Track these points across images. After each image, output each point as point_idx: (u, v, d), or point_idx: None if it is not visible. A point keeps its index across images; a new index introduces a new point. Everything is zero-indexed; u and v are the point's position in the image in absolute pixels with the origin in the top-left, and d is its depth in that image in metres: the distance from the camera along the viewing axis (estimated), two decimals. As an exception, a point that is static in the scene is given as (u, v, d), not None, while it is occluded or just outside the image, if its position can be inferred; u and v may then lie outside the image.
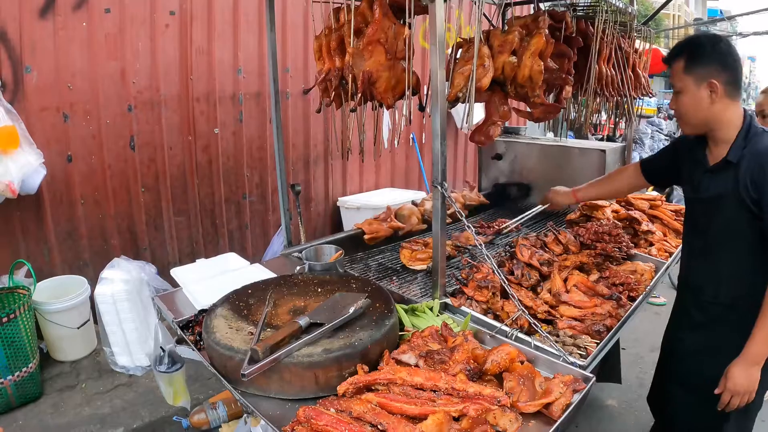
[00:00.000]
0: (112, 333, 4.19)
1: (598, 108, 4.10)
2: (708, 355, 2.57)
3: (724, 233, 2.49)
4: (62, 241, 4.61)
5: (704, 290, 2.63)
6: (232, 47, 5.37)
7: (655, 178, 3.11)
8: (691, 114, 2.45)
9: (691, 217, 2.74)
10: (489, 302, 2.59)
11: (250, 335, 2.03)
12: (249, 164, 5.74)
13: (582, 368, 2.05)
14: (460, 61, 2.78)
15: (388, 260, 3.36)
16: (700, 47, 2.39)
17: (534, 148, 4.74)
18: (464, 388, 1.78)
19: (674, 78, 2.47)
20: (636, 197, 4.01)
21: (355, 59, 2.58)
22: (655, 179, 3.13)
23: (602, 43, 3.65)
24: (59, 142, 4.45)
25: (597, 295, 2.78)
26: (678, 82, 2.44)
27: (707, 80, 2.34)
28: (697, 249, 2.69)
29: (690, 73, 2.39)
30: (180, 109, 5.12)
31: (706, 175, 2.52)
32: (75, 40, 4.37)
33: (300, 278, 2.58)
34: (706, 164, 2.54)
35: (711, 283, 2.60)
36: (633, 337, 5.25)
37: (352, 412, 1.69)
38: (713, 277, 2.59)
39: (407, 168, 7.59)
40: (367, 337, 1.98)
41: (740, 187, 2.35)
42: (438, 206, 2.41)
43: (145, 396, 3.92)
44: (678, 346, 2.84)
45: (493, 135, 3.22)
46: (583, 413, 4.26)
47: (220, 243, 5.68)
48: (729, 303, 2.54)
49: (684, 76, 2.40)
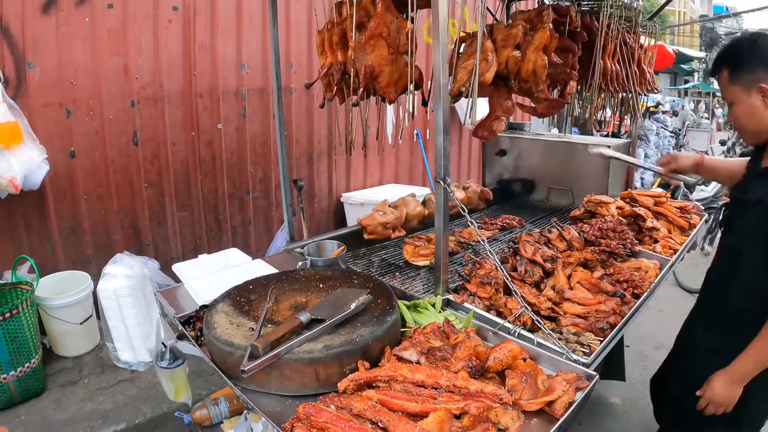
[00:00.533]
0: (114, 328, 4.19)
1: (603, 104, 4.08)
2: (716, 359, 2.52)
3: (752, 240, 2.38)
4: (65, 236, 4.61)
5: (726, 294, 2.59)
6: (236, 43, 5.36)
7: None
8: (749, 124, 2.36)
9: (730, 217, 2.67)
10: (492, 299, 2.57)
11: (250, 331, 2.02)
12: (252, 160, 5.73)
13: (585, 366, 2.03)
14: (463, 55, 2.76)
15: (390, 256, 3.35)
16: (740, 52, 2.31)
17: (538, 144, 4.73)
18: (466, 386, 1.76)
19: (723, 90, 2.40)
20: (641, 194, 3.99)
21: (357, 53, 2.57)
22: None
23: (607, 38, 3.63)
24: (62, 138, 4.44)
25: (601, 292, 2.75)
26: (727, 95, 2.37)
27: (756, 85, 2.25)
28: (725, 250, 2.65)
29: (736, 83, 2.31)
30: (183, 104, 5.12)
31: (757, 178, 2.45)
32: (78, 35, 4.36)
33: (302, 274, 2.57)
34: (758, 166, 2.47)
35: (732, 288, 2.55)
36: (637, 335, 5.24)
37: (353, 409, 1.68)
38: (735, 282, 2.52)
39: (411, 164, 7.57)
40: (369, 333, 1.97)
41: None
42: (440, 202, 2.39)
43: (148, 392, 3.92)
44: (689, 344, 2.82)
45: (497, 130, 3.20)
46: (587, 411, 4.25)
47: (224, 239, 5.68)
48: (745, 311, 2.45)
49: (731, 87, 2.33)
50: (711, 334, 2.67)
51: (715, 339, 2.62)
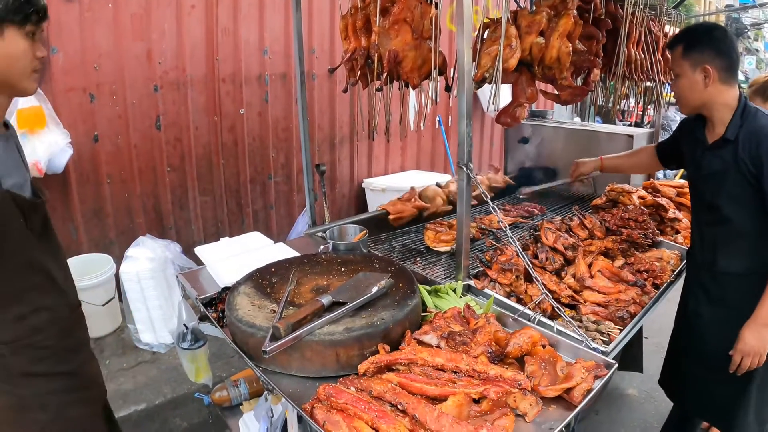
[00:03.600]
0: (136, 310, 4.24)
1: (626, 93, 4.03)
2: (728, 329, 2.59)
3: (730, 206, 2.61)
4: (88, 219, 4.66)
5: (717, 262, 2.72)
6: (258, 28, 5.36)
7: (667, 159, 3.28)
8: (688, 96, 2.66)
9: (697, 194, 2.85)
10: (512, 285, 2.58)
11: (272, 313, 2.03)
12: (275, 145, 5.75)
13: (604, 354, 2.03)
14: (486, 41, 2.74)
15: (412, 241, 3.35)
16: (696, 35, 2.62)
17: (561, 132, 4.69)
18: (485, 371, 1.77)
19: (673, 63, 2.69)
20: (663, 184, 3.96)
21: (381, 38, 2.56)
22: (666, 161, 3.30)
23: (631, 26, 3.58)
24: (86, 123, 4.48)
25: (621, 281, 2.75)
26: (676, 68, 2.66)
27: (701, 65, 2.54)
28: (705, 222, 2.79)
29: (686, 59, 2.59)
30: (206, 89, 5.14)
31: (707, 153, 2.68)
32: (101, 21, 4.39)
33: (323, 257, 2.58)
34: (705, 142, 2.71)
35: (722, 255, 2.70)
36: (656, 327, 5.16)
37: (372, 391, 1.69)
38: (723, 248, 2.69)
39: (433, 151, 7.55)
40: (389, 317, 1.98)
41: (739, 162, 2.51)
42: (463, 187, 2.39)
43: (168, 373, 3.96)
44: (697, 322, 2.84)
45: (520, 117, 3.18)
46: (604, 401, 4.24)
47: (245, 223, 5.71)
48: (741, 272, 2.64)
49: (681, 61, 2.62)
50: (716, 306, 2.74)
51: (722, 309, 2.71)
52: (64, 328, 1.93)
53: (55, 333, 1.87)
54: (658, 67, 3.97)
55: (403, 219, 3.52)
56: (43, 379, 1.85)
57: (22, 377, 1.81)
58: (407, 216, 3.53)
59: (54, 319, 1.87)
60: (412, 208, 3.55)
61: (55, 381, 1.89)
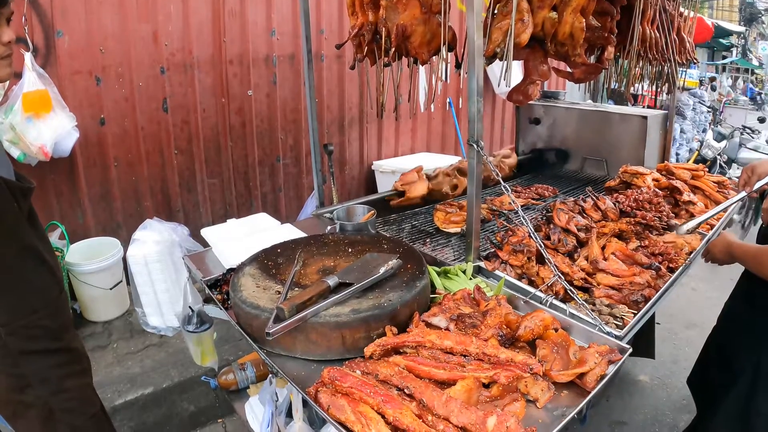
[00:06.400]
0: (143, 294, 4.22)
1: (640, 73, 3.95)
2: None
3: None
4: (95, 203, 4.65)
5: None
6: (266, 9, 5.30)
7: None
8: None
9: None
10: (524, 267, 2.51)
11: (277, 294, 1.99)
12: (283, 127, 5.70)
13: (618, 339, 1.97)
14: (498, 15, 2.66)
15: (421, 223, 3.30)
16: None
17: (573, 113, 4.61)
18: (496, 354, 1.72)
19: None
20: (678, 166, 3.87)
21: (389, 13, 2.51)
22: None
23: (646, 3, 3.50)
24: (92, 106, 4.46)
25: (636, 264, 2.68)
26: None
27: None
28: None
29: None
30: (213, 71, 5.09)
31: None
32: (106, 3, 4.34)
33: (330, 238, 2.54)
34: None
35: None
36: (669, 313, 5.14)
37: (379, 374, 1.65)
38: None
39: (443, 133, 7.48)
40: (397, 298, 1.92)
41: None
42: (473, 165, 2.32)
43: (176, 356, 3.95)
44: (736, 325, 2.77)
45: (532, 94, 3.11)
46: (615, 387, 4.20)
47: (254, 205, 5.68)
48: None
49: None
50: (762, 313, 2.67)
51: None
52: (57, 308, 1.97)
53: (48, 313, 1.90)
54: (673, 47, 3.88)
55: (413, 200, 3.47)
56: (41, 356, 1.89)
57: (21, 356, 1.85)
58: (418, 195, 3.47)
59: (47, 300, 1.91)
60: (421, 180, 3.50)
61: (52, 357, 1.93)
